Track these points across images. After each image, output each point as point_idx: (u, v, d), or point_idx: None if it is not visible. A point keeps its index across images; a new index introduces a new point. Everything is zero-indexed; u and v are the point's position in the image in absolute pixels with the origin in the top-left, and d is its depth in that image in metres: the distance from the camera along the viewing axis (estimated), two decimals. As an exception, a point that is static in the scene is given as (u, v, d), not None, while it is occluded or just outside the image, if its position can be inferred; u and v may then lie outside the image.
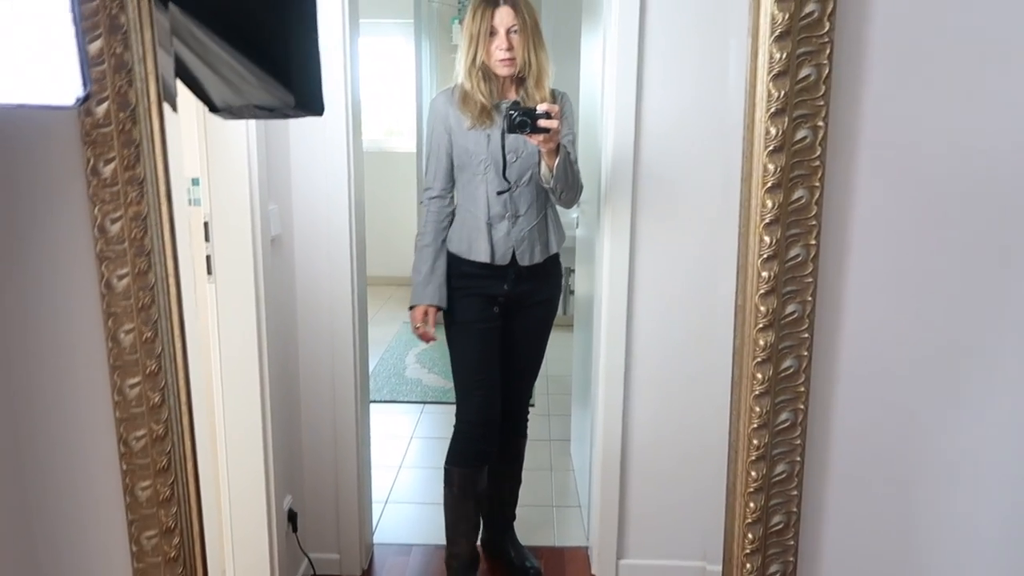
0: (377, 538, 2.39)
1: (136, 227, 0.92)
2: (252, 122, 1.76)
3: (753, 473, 0.93)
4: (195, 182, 1.98)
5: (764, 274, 0.90)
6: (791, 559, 0.97)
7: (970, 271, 0.96)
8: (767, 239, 0.89)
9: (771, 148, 0.87)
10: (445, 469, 2.09)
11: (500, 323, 2.07)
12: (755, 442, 0.93)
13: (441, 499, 2.12)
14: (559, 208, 2.08)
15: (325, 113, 1.98)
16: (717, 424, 2.10)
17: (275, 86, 1.26)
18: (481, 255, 2.01)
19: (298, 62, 1.29)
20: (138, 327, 0.92)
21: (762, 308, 0.90)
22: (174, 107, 1.20)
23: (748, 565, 0.95)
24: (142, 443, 0.95)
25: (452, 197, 2.08)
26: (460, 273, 2.04)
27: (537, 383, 2.35)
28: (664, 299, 2.05)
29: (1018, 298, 0.96)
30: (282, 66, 1.28)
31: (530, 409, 2.30)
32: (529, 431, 2.28)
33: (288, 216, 2.03)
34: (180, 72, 1.29)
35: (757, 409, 0.93)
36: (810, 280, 0.91)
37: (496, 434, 2.08)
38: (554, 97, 2.01)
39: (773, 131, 0.87)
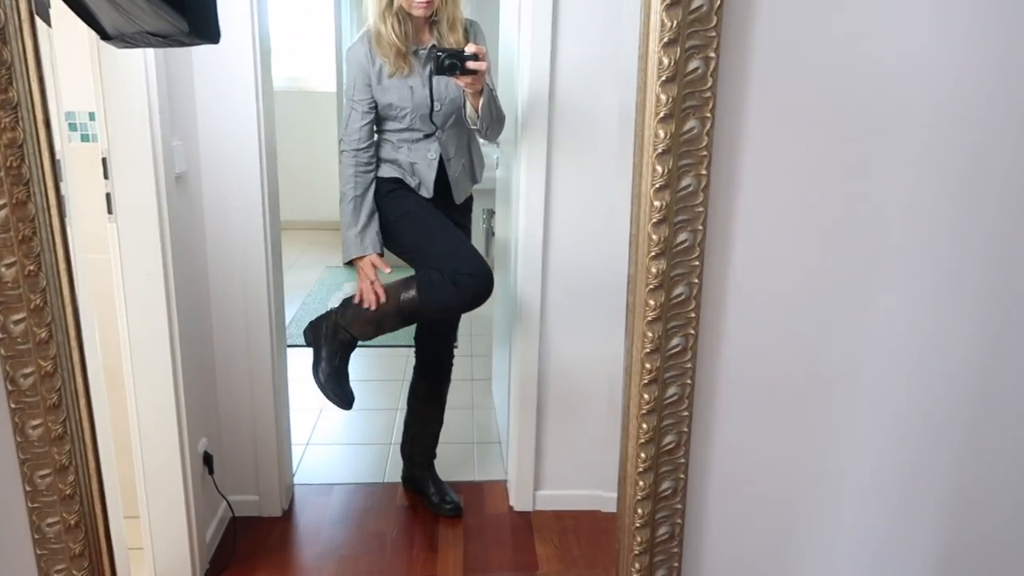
0: (298, 479, 2.40)
1: (12, 155, 0.87)
2: (150, 52, 1.68)
3: (646, 396, 0.97)
4: (91, 116, 1.88)
5: (656, 203, 0.92)
6: (682, 476, 1.02)
7: (852, 199, 1.01)
8: (659, 169, 0.91)
9: (664, 79, 0.89)
10: (403, 283, 2.04)
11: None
12: (647, 366, 0.96)
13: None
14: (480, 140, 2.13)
15: (230, 46, 1.93)
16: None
17: (167, 11, 1.20)
18: (411, 184, 2.07)
19: (190, -15, 1.23)
20: (20, 260, 0.89)
21: (654, 237, 0.93)
22: (48, 22, 1.13)
23: (641, 483, 1.00)
24: (30, 380, 0.93)
25: (374, 144, 2.08)
26: (389, 183, 2.06)
27: (460, 325, 2.37)
28: (579, 236, 2.08)
29: (896, 224, 1.02)
30: (174, -11, 1.22)
31: (454, 351, 2.31)
32: (453, 370, 2.30)
33: (194, 153, 1.96)
34: (67, -3, 1.22)
35: (650, 334, 0.96)
36: (701, 209, 0.94)
37: (492, 285, 2.03)
38: (466, 29, 2.01)
39: (666, 61, 0.88)
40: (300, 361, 3.29)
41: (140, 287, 1.76)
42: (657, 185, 0.92)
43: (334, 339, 2.11)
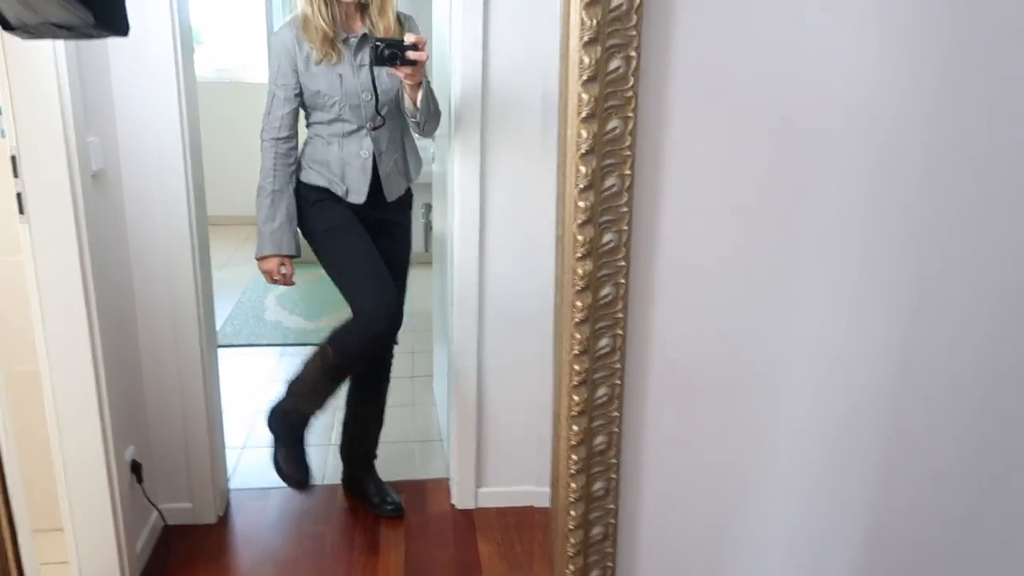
0: (234, 484, 2.34)
1: None
2: (60, 43, 1.60)
3: (576, 397, 0.96)
4: (-1, 111, 1.79)
5: (581, 204, 0.91)
6: (613, 476, 1.02)
7: (775, 197, 1.01)
8: (583, 169, 0.90)
9: (585, 78, 0.88)
10: (330, 345, 1.98)
11: (365, 231, 2.04)
12: (576, 367, 0.96)
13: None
14: (416, 136, 2.06)
15: (149, 36, 1.86)
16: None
17: (71, 2, 1.14)
18: (338, 192, 1.98)
19: (94, -25, 1.17)
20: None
21: (580, 238, 0.92)
22: None
23: (573, 484, 1.00)
24: (-79, 399, 0.87)
25: (295, 136, 2.01)
26: (315, 192, 2.00)
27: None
28: (515, 232, 2.07)
29: (818, 223, 1.03)
30: (76, -21, 1.16)
31: (394, 348, 2.27)
32: (392, 367, 2.26)
33: (113, 149, 1.87)
34: (-39, -16, 1.15)
35: (578, 336, 0.95)
36: (625, 210, 0.93)
37: (398, 319, 2.03)
38: (400, 21, 1.96)
39: (587, 60, 0.87)
40: (232, 362, 3.21)
41: (57, 290, 1.68)
42: (581, 186, 0.91)
43: (284, 422, 2.05)
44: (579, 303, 0.94)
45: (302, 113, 2.03)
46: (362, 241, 2.00)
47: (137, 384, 2.02)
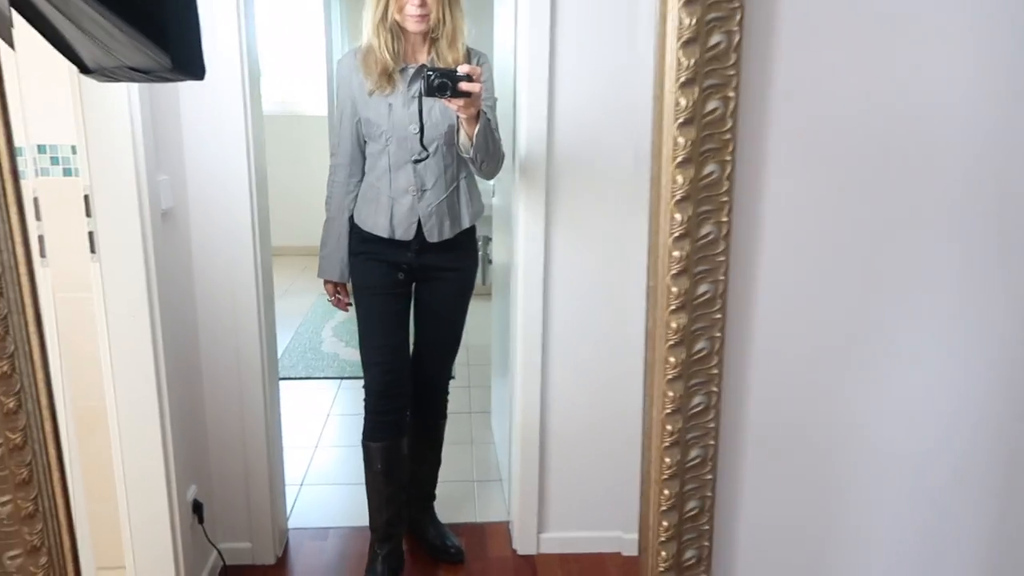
0: (292, 523, 2.31)
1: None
2: (134, 84, 1.62)
3: (668, 460, 0.90)
4: (74, 150, 1.81)
5: (676, 253, 0.86)
6: (706, 544, 0.95)
7: (881, 246, 0.94)
8: (678, 217, 0.85)
9: (681, 121, 0.83)
10: (362, 444, 2.02)
11: (406, 291, 1.99)
12: (669, 427, 0.89)
13: (361, 478, 2.05)
14: (477, 177, 1.99)
15: (218, 76, 1.87)
16: (632, 393, 2.10)
17: (149, 46, 1.14)
18: (380, 230, 1.92)
19: (173, 19, 1.17)
20: (-17, 324, 0.81)
21: (674, 289, 0.86)
22: (10, 43, 1.05)
23: (664, 552, 0.93)
24: (-3, 454, 0.85)
25: (361, 166, 1.98)
26: (361, 238, 1.97)
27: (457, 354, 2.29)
28: (581, 270, 2.02)
29: (927, 275, 0.95)
30: (155, 24, 1.16)
31: (450, 381, 2.23)
32: (450, 403, 2.21)
33: (181, 188, 1.89)
34: (43, 28, 1.16)
35: (671, 394, 0.89)
36: (722, 259, 0.87)
37: (406, 405, 2.01)
38: (470, 58, 1.89)
39: (683, 102, 0.82)
40: (290, 395, 3.20)
41: (124, 328, 1.69)
42: (676, 234, 0.85)
43: (371, 561, 2.06)
44: (672, 358, 0.88)
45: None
46: (388, 311, 1.97)
47: (200, 420, 2.01)
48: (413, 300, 2.02)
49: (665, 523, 0.91)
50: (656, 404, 0.90)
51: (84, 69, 1.27)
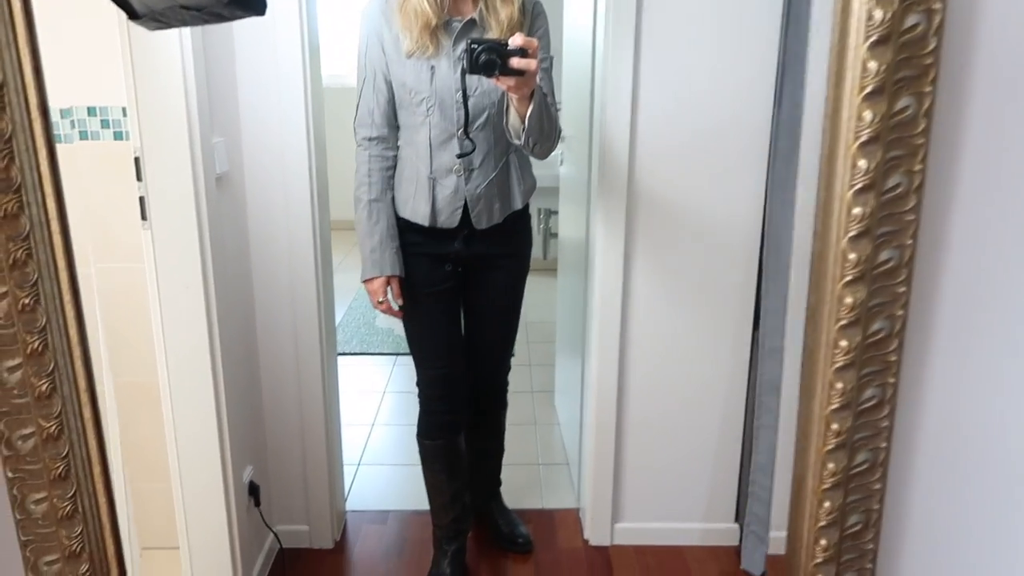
0: (350, 504, 2.20)
1: (-1, 154, 0.66)
2: (187, 41, 1.48)
3: (831, 465, 0.72)
4: (124, 112, 1.70)
5: (856, 210, 0.67)
6: (869, 566, 0.78)
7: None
8: (863, 164, 0.67)
9: (874, 39, 0.64)
10: (418, 441, 1.86)
11: (456, 283, 1.74)
12: (835, 426, 0.72)
13: (416, 459, 1.92)
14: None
15: (276, 35, 1.72)
16: (717, 376, 1.94)
17: (203, -27, 1.01)
18: (420, 217, 1.64)
19: (230, -58, 1.02)
20: (12, 291, 0.68)
21: (852, 256, 0.68)
22: None
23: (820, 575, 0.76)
24: (30, 443, 0.72)
25: (394, 134, 1.68)
26: (401, 228, 1.69)
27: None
28: (664, 244, 1.84)
29: None
30: (210, -52, 1.02)
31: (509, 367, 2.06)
32: (510, 382, 2.03)
33: (237, 152, 1.76)
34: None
35: (839, 385, 0.71)
36: (911, 218, 0.69)
37: (462, 404, 1.82)
38: (524, 11, 1.58)
39: (878, 15, 0.63)
40: (347, 371, 3.10)
41: (177, 299, 1.57)
42: (858, 186, 0.67)
43: (438, 557, 1.91)
44: (844, 342, 0.70)
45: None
46: (438, 311, 1.75)
47: (256, 398, 1.90)
48: (464, 292, 1.78)
49: (824, 542, 0.75)
50: (819, 398, 0.72)
51: (133, 15, 1.14)
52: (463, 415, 1.84)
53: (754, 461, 1.86)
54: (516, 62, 1.34)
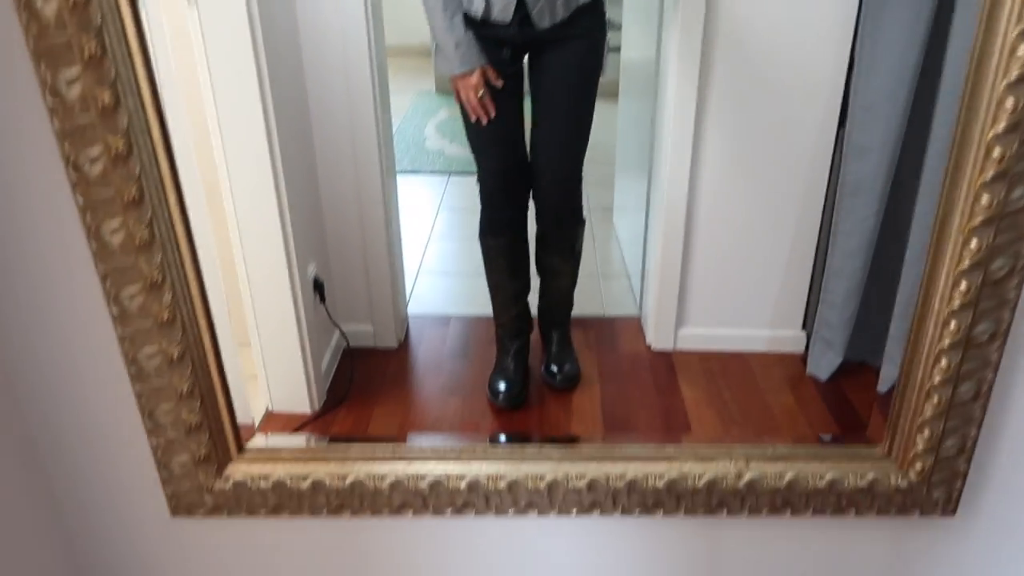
0: (411, 309, 2.22)
1: None
2: None
3: (953, 324, 0.65)
4: None
5: None
6: (973, 432, 0.72)
7: None
8: None
9: None
10: (480, 240, 1.86)
11: (515, 70, 1.67)
12: (963, 287, 0.64)
13: (478, 269, 1.91)
14: None
15: None
16: (795, 176, 1.84)
17: None
18: (477, 12, 1.55)
19: None
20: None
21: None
22: None
23: (927, 431, 0.71)
24: (98, 167, 0.68)
25: None
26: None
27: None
28: (748, 57, 1.69)
29: None
30: None
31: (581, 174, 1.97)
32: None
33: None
34: None
35: (974, 243, 0.62)
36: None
37: (525, 200, 1.79)
38: None
39: None
40: (402, 189, 3.05)
41: (231, 85, 1.51)
42: None
43: (502, 353, 1.90)
44: (998, 150, 0.60)
45: None
46: (494, 94, 1.65)
47: (315, 200, 1.87)
48: (527, 81, 1.70)
49: (936, 398, 0.68)
50: (947, 276, 0.63)
51: None
52: (524, 213, 1.82)
53: (829, 266, 1.79)
54: None
